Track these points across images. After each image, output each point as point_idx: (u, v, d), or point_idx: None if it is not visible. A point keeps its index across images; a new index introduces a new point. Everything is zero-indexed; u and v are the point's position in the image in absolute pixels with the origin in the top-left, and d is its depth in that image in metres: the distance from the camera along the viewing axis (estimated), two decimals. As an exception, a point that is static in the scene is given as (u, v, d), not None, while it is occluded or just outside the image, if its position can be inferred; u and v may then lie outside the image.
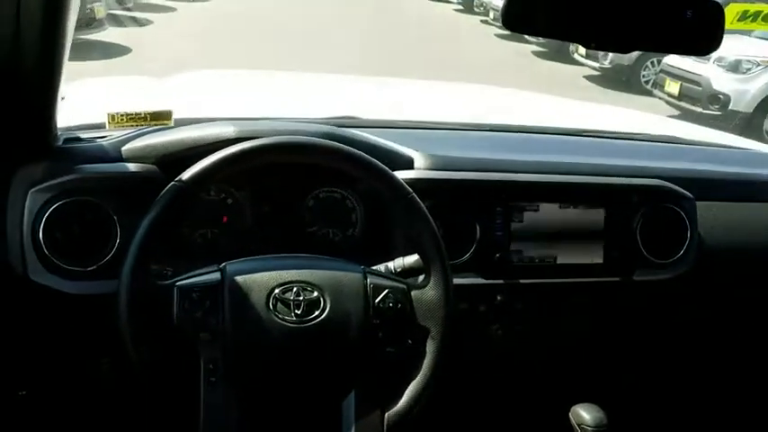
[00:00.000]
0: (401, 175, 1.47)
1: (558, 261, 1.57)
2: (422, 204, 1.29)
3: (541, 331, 1.65)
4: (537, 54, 12.24)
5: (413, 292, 1.27)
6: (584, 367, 1.74)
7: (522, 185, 1.54)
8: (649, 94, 8.95)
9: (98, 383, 1.42)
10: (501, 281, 1.52)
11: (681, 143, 1.99)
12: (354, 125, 1.67)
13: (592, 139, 1.88)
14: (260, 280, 1.20)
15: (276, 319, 1.18)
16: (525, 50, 12.46)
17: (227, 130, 1.39)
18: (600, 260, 1.59)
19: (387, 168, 1.28)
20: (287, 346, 1.18)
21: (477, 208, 1.52)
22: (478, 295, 1.57)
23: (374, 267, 1.36)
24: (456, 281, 1.46)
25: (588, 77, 10.37)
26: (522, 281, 1.54)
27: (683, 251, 1.62)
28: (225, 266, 1.21)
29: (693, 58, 8.25)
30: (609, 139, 1.89)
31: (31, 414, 1.50)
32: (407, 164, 1.52)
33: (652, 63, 9.85)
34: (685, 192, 1.64)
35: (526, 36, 12.41)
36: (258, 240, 1.49)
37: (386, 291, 1.24)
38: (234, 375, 1.17)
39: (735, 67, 8.00)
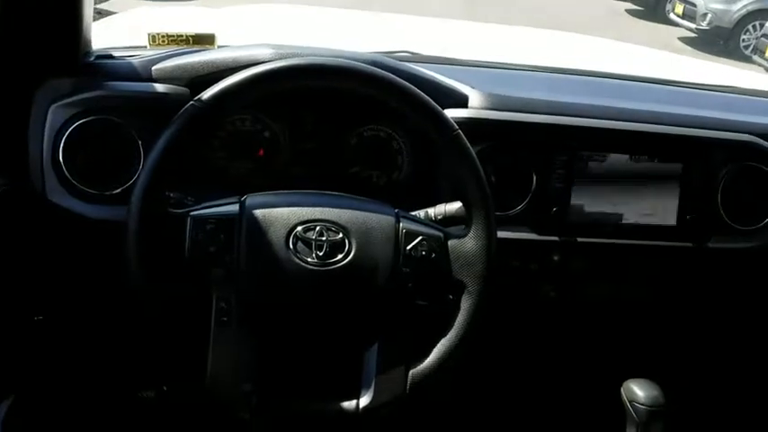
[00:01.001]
0: (452, 113, 1.33)
1: (624, 220, 1.40)
2: (468, 144, 1.15)
3: (600, 297, 1.50)
4: (631, 12, 11.67)
5: (450, 242, 1.14)
6: (644, 340, 1.58)
7: (586, 131, 1.37)
8: (749, 60, 8.39)
9: (114, 311, 1.35)
10: (557, 238, 1.37)
11: None
12: (409, 60, 1.53)
13: (673, 88, 1.68)
14: (281, 216, 1.09)
15: (295, 259, 1.07)
16: (619, 8, 11.89)
17: (265, 52, 1.27)
18: (673, 222, 1.41)
19: (431, 101, 1.14)
20: (305, 288, 1.07)
21: (536, 155, 1.36)
22: (531, 252, 1.42)
23: (413, 213, 1.23)
24: (506, 234, 1.34)
25: (683, 39, 9.81)
26: (580, 239, 1.38)
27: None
28: (245, 199, 1.11)
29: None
30: (695, 89, 1.68)
31: (47, 339, 1.45)
32: (462, 102, 1.38)
33: (754, 27, 9.25)
34: None
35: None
36: (295, 178, 1.38)
37: (419, 238, 1.12)
38: (247, 317, 1.07)
39: None
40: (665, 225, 1.41)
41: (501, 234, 1.33)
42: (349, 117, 1.40)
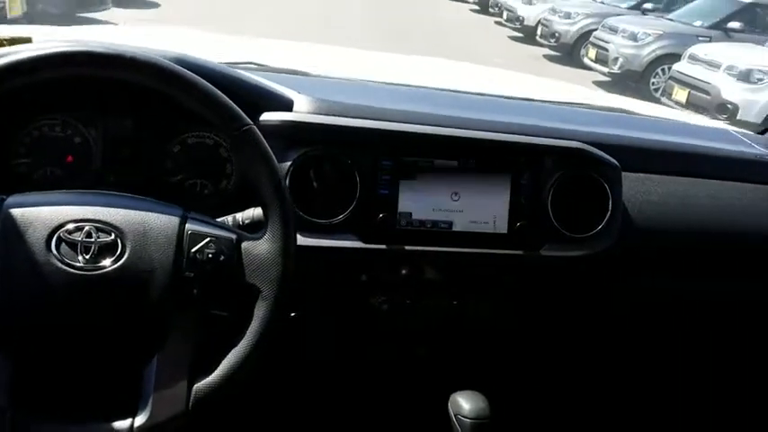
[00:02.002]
0: (272, 116, 1.28)
1: (455, 228, 1.36)
2: (262, 141, 1.08)
3: (433, 308, 1.44)
4: (548, 57, 12.03)
5: (244, 244, 1.06)
6: (476, 351, 1.52)
7: (412, 136, 1.33)
8: (657, 101, 8.70)
9: None
10: (384, 246, 1.32)
11: (617, 111, 1.77)
12: (251, 69, 1.48)
13: (509, 100, 1.66)
14: (43, 216, 0.99)
15: (56, 263, 0.97)
16: (537, 53, 12.26)
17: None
18: (504, 230, 1.38)
19: (220, 94, 1.07)
20: (68, 297, 0.97)
21: (360, 160, 1.31)
22: (359, 262, 1.37)
23: (220, 219, 1.16)
24: (330, 243, 1.28)
25: (597, 83, 10.13)
26: (409, 247, 1.33)
27: (602, 225, 1.41)
28: (4, 198, 1.01)
29: (704, 65, 8.08)
30: (532, 102, 1.67)
31: None
32: (286, 106, 1.33)
33: (663, 70, 9.62)
34: (609, 158, 1.42)
35: (539, 38, 12.25)
36: (110, 186, 1.29)
37: (207, 239, 1.04)
38: (3, 330, 0.97)
39: (746, 77, 7.74)
40: (496, 233, 1.37)
41: (325, 243, 1.28)
42: (172, 123, 1.33)
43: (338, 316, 1.42)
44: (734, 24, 9.72)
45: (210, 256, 1.03)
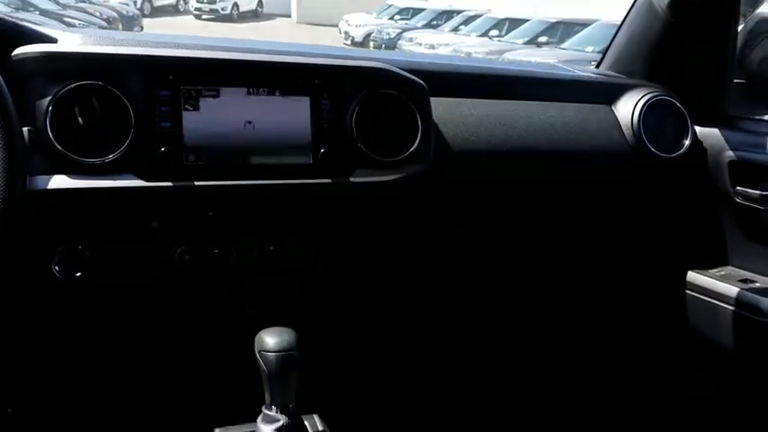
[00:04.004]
0: (25, 50, 1.17)
1: (253, 161, 1.25)
2: None
3: (245, 255, 1.33)
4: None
5: None
6: (296, 297, 1.42)
7: (187, 62, 1.23)
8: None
9: None
10: (170, 183, 1.20)
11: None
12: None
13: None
14: None
15: None
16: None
17: None
18: (309, 160, 1.28)
19: None
20: None
21: (132, 91, 1.20)
22: (145, 205, 1.25)
23: None
24: (105, 183, 1.16)
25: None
26: (200, 183, 1.22)
27: (413, 148, 1.33)
28: None
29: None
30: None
31: None
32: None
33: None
34: (414, 77, 1.35)
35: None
36: None
37: None
38: None
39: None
40: (300, 163, 1.28)
41: (100, 184, 1.16)
42: None
43: (131, 272, 1.28)
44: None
45: None
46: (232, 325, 1.40)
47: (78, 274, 1.25)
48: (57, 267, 1.24)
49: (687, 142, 1.58)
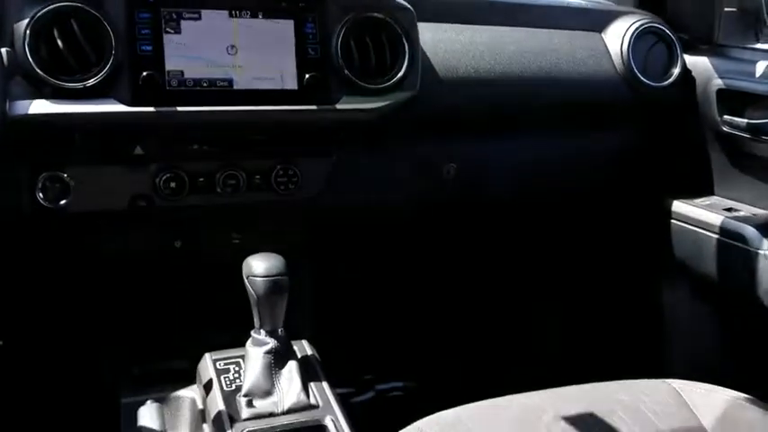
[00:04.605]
0: None
1: (236, 86, 1.23)
2: None
3: (228, 179, 1.33)
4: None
5: None
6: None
7: None
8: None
9: None
10: (152, 108, 1.18)
11: None
12: None
13: None
14: None
15: None
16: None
17: None
18: (294, 86, 1.26)
19: None
20: None
21: (112, 13, 1.17)
22: (128, 131, 1.23)
23: None
24: (86, 108, 1.14)
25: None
26: (183, 109, 1.20)
27: (401, 74, 1.31)
28: None
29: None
30: None
31: None
32: None
33: None
34: (401, 1, 1.33)
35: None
36: None
37: None
38: None
39: None
40: (285, 89, 1.26)
41: (80, 108, 1.14)
42: None
43: (116, 200, 1.28)
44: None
45: None
46: (219, 253, 1.40)
47: (63, 202, 1.23)
48: (41, 195, 1.23)
49: (676, 71, 1.57)
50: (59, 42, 1.13)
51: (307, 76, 1.26)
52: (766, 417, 1.06)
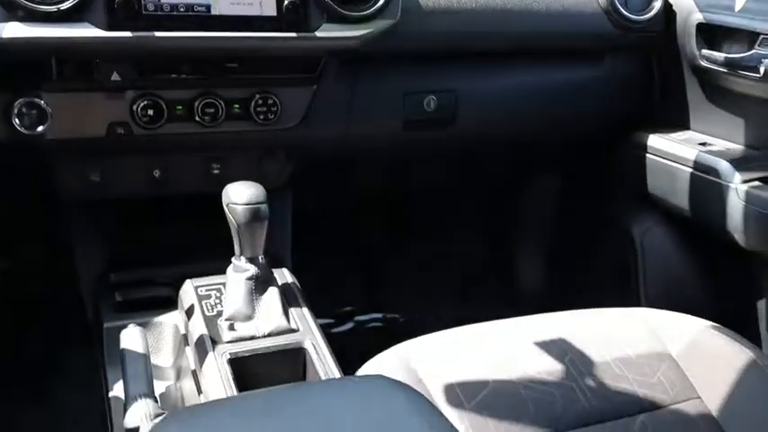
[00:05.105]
0: None
1: (214, 11, 1.21)
2: None
3: (206, 107, 1.31)
4: None
5: None
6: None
7: None
8: None
9: None
10: (129, 34, 1.16)
11: None
12: None
13: None
14: None
15: None
16: None
17: None
18: (273, 12, 1.24)
19: None
20: None
21: None
22: (105, 56, 1.21)
23: None
24: (62, 32, 1.12)
25: None
26: (159, 34, 1.18)
27: (381, 1, 1.29)
28: None
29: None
30: None
31: None
32: None
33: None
34: None
35: None
36: None
37: None
38: None
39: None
40: (264, 15, 1.24)
41: (53, 33, 1.12)
42: None
43: (93, 126, 1.26)
44: None
45: None
46: (199, 183, 1.40)
47: (40, 128, 1.22)
48: (17, 121, 1.21)
49: (658, 4, 1.56)
50: None
51: (286, 1, 1.24)
52: (731, 343, 1.09)
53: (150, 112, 1.27)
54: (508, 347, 1.09)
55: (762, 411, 1.00)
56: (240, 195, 1.15)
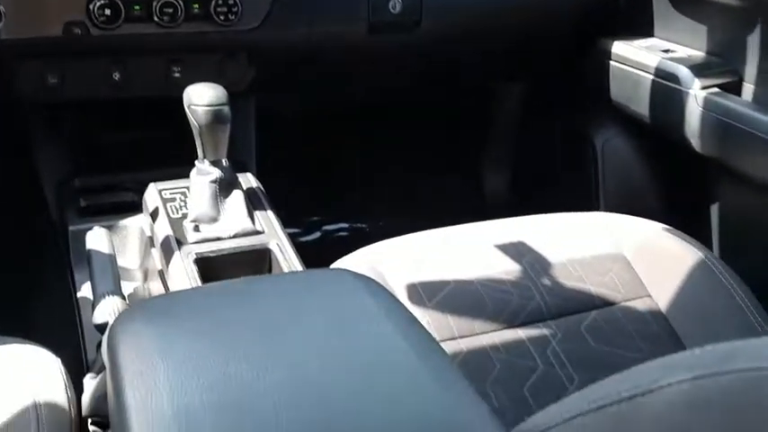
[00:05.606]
0: None
1: None
2: None
3: (165, 6, 1.28)
4: None
5: None
6: None
7: None
8: None
9: None
10: None
11: None
12: None
13: None
14: None
15: None
16: None
17: None
18: None
19: None
20: None
21: None
22: None
23: None
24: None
25: None
26: None
27: None
28: None
29: None
30: None
31: None
32: None
33: None
34: None
35: None
36: None
37: None
38: None
39: None
40: None
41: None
42: None
43: (47, 27, 1.23)
44: None
45: None
46: (160, 86, 1.38)
47: None
48: None
49: None
50: None
51: None
52: (682, 244, 1.14)
53: (107, 11, 1.24)
54: (470, 250, 1.12)
55: (707, 306, 1.05)
56: (201, 96, 1.13)
